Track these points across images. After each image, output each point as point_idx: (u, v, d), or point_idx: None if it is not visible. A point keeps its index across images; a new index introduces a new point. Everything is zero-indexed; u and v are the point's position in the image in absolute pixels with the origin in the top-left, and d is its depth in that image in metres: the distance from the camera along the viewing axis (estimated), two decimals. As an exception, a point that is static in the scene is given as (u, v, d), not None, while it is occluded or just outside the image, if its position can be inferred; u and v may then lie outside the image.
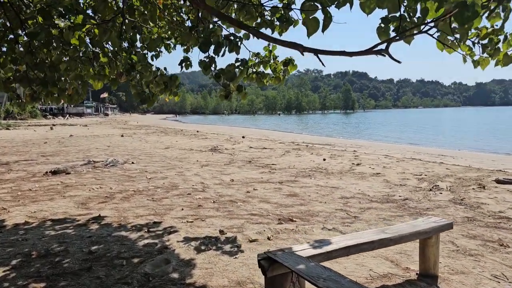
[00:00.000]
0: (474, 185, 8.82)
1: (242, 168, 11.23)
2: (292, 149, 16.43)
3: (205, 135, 24.74)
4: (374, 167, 11.46)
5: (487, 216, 6.29)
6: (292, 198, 7.36)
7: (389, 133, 40.67)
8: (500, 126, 52.21)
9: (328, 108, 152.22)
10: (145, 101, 5.47)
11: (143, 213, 6.11)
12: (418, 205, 6.95)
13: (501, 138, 33.77)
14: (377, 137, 34.42)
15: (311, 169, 11.02)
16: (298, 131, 42.21)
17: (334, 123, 66.11)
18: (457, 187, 8.59)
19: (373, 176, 9.92)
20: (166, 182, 8.79)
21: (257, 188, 8.26)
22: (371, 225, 5.63)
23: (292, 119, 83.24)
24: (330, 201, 7.16)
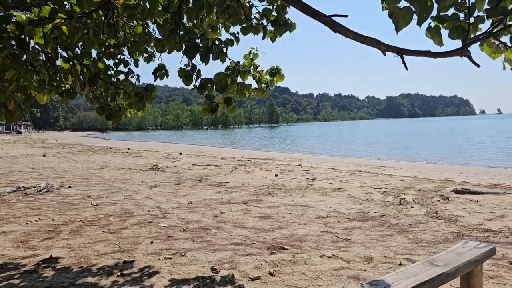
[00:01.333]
0: (437, 197, 8.83)
1: (195, 188, 10.37)
2: (238, 165, 15.80)
3: (138, 153, 23.23)
4: (330, 181, 11.20)
5: (471, 230, 6.14)
6: (267, 221, 6.71)
7: (320, 145, 41.67)
8: (414, 136, 56.01)
9: (254, 123, 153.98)
10: (111, 117, 4.56)
11: (106, 250, 5.10)
12: (399, 222, 6.66)
13: (418, 147, 35.98)
14: (312, 149, 34.98)
15: (268, 186, 10.47)
16: (232, 146, 41.69)
17: (262, 136, 66.62)
18: (422, 200, 8.52)
19: (336, 192, 9.61)
20: (116, 209, 7.70)
21: (223, 211, 7.50)
22: (369, 248, 5.17)
23: (220, 134, 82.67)
24: (309, 222, 6.63)
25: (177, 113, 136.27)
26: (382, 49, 2.48)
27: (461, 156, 27.70)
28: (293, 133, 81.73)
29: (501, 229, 6.15)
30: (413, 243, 5.46)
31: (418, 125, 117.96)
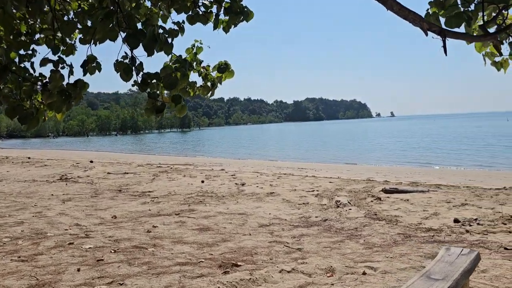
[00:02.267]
0: (369, 197, 8.90)
1: (116, 199, 9.35)
2: (159, 172, 14.83)
3: (41, 162, 20.90)
4: (261, 186, 10.86)
5: (415, 230, 6.13)
6: (207, 233, 6.11)
7: (237, 148, 41.57)
8: (324, 138, 58.67)
9: (165, 127, 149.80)
10: (26, 120, 3.66)
11: (19, 286, 4.13)
12: (344, 226, 6.47)
13: (330, 148, 37.56)
14: (230, 153, 34.67)
15: (197, 194, 9.82)
16: (145, 152, 39.84)
17: (176, 141, 64.95)
18: (356, 201, 8.52)
19: (269, 197, 9.27)
20: (25, 229, 6.52)
21: (155, 224, 6.72)
22: (326, 257, 4.84)
23: (130, 140, 79.01)
24: (253, 232, 6.16)
25: (81, 118, 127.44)
26: (425, 28, 2.11)
27: (370, 157, 29.32)
28: (207, 137, 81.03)
29: (441, 228, 6.23)
30: (367, 248, 5.25)
31: (324, 127, 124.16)
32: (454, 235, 5.81)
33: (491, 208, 7.43)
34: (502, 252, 4.98)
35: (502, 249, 5.09)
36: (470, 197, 8.57)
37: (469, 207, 7.65)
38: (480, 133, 54.44)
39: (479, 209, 7.45)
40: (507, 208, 7.35)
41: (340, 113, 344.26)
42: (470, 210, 7.34)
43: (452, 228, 6.19)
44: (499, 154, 27.57)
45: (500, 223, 6.36)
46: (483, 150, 30.72)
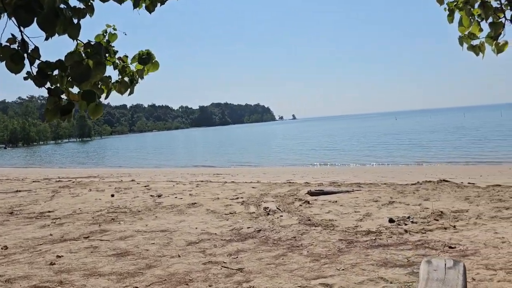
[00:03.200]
0: (297, 201, 8.53)
1: (6, 224, 7.82)
2: (59, 187, 13.09)
3: None
4: (180, 196, 9.97)
5: (354, 234, 5.81)
6: (127, 259, 5.15)
7: (144, 156, 39.58)
8: (233, 142, 58.68)
9: (62, 137, 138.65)
10: None
11: None
12: (280, 236, 5.94)
13: (238, 152, 37.49)
14: (136, 162, 32.77)
15: (108, 211, 8.65)
16: (41, 165, 36.07)
17: (76, 152, 60.18)
18: (285, 206, 8.08)
19: (192, 208, 8.46)
20: None
21: (60, 253, 5.56)
22: (273, 277, 4.23)
23: (22, 152, 71.53)
24: (183, 253, 5.34)
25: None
26: None
27: (279, 158, 29.61)
28: (111, 146, 76.52)
29: (379, 229, 5.99)
30: (314, 260, 4.75)
31: (231, 131, 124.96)
32: (395, 236, 5.58)
33: (418, 205, 7.45)
34: (449, 252, 4.80)
35: (447, 248, 4.93)
36: (394, 195, 8.61)
37: (397, 204, 7.62)
38: (373, 132, 58.62)
39: (407, 206, 7.43)
40: (432, 203, 7.42)
41: (245, 117, 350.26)
42: (400, 208, 7.28)
43: (390, 229, 5.98)
44: (393, 150, 29.59)
45: (432, 220, 6.31)
46: (379, 147, 32.78)
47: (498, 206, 6.88)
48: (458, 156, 23.39)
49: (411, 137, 40.77)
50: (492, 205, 7.02)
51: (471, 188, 9.08)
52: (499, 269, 4.10)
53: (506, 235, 5.27)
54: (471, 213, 6.53)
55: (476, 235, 5.38)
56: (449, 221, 6.20)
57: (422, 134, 45.29)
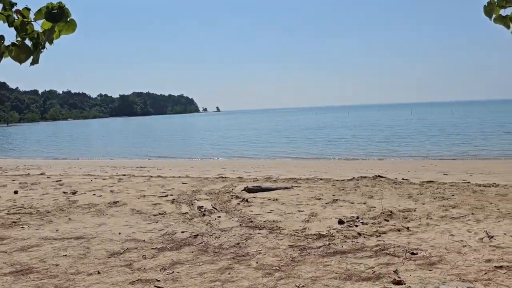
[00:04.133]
0: (234, 199, 7.77)
1: None
2: None
3: None
4: (99, 193, 8.73)
5: (303, 239, 5.19)
6: (30, 281, 4.03)
7: (57, 146, 36.37)
8: (155, 133, 56.38)
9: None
10: None
11: None
12: (221, 242, 5.14)
13: (162, 144, 35.94)
14: (49, 153, 29.85)
15: (9, 211, 7.23)
16: None
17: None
18: (222, 205, 7.28)
19: (114, 207, 7.33)
20: None
21: None
22: (222, 300, 3.42)
23: None
24: (104, 268, 4.32)
25: None
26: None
27: (204, 151, 28.65)
28: (18, 134, 69.92)
29: (330, 232, 5.43)
30: (266, 274, 4.02)
31: (153, 122, 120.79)
32: (349, 241, 5.03)
33: (363, 203, 7.06)
34: (412, 259, 4.34)
35: (409, 254, 4.47)
36: (336, 192, 8.19)
37: (341, 203, 7.16)
38: (296, 126, 59.75)
39: (352, 204, 7.00)
40: (378, 202, 7.07)
41: (168, 108, 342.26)
42: (345, 207, 6.82)
43: (342, 231, 5.44)
44: (318, 144, 30.02)
45: (383, 220, 5.89)
46: (303, 141, 33.13)
47: (444, 204, 6.67)
48: (382, 151, 24.17)
49: (332, 132, 41.94)
50: (437, 203, 6.81)
51: (409, 185, 8.97)
52: (474, 280, 3.67)
53: (463, 238, 4.96)
54: (419, 213, 6.23)
55: (433, 238, 5.01)
56: (400, 221, 5.83)
57: (342, 129, 46.88)
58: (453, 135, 32.05)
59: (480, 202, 6.77)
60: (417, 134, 34.65)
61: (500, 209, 6.28)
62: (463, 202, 6.82)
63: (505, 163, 16.77)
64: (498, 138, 28.36)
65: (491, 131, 34.21)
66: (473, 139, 28.37)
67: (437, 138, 30.69)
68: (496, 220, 5.70)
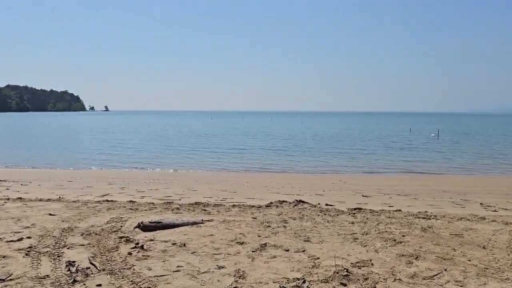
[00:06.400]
0: (123, 244, 5.51)
1: None
2: None
3: None
4: None
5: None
6: None
7: None
8: (19, 131, 49.46)
9: None
10: None
11: None
12: None
13: (28, 146, 31.12)
14: None
15: None
16: None
17: None
18: (106, 257, 4.99)
19: None
20: None
21: None
22: None
23: None
24: None
25: None
26: None
27: (82, 158, 25.06)
28: None
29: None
30: None
31: (29, 120, 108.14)
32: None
33: (302, 250, 5.33)
34: None
35: None
36: (260, 229, 6.37)
37: (273, 250, 5.34)
38: (188, 131, 57.47)
39: (288, 253, 5.22)
40: (319, 248, 5.41)
41: (50, 104, 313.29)
42: (281, 259, 5.00)
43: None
44: (214, 153, 28.31)
45: (339, 285, 4.21)
46: (200, 150, 31.19)
47: (403, 253, 5.24)
48: (282, 163, 23.21)
49: (225, 140, 40.51)
50: (393, 250, 5.36)
51: (341, 215, 7.54)
52: None
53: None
54: (380, 269, 4.67)
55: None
56: (362, 286, 4.20)
57: (239, 136, 45.84)
58: (346, 148, 32.75)
59: (442, 248, 5.49)
60: (312, 144, 34.85)
61: (472, 260, 5.02)
62: (423, 248, 5.48)
63: (404, 179, 16.72)
64: (387, 153, 29.52)
65: (380, 144, 35.88)
66: (363, 152, 29.11)
67: (332, 148, 31.06)
68: (478, 281, 4.37)
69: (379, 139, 41.81)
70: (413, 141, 39.30)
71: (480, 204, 9.84)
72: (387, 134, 51.77)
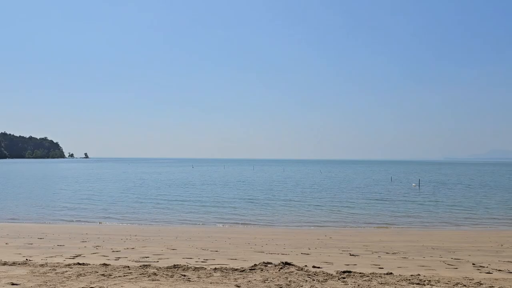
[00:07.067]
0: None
1: None
2: None
3: None
4: None
5: None
6: None
7: None
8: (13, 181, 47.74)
9: None
10: None
11: None
12: None
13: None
14: None
15: None
16: None
17: None
18: None
19: None
20: None
21: None
22: None
23: None
24: None
25: None
26: None
27: (58, 210, 24.12)
28: None
29: None
30: None
31: (4, 167, 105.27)
32: None
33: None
34: None
35: None
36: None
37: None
38: (167, 179, 56.48)
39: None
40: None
41: (28, 152, 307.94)
42: None
43: None
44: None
45: None
46: (174, 201, 30.39)
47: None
48: (259, 216, 22.64)
49: (209, 190, 39.82)
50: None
51: (330, 281, 7.04)
52: None
53: None
54: None
55: None
56: None
57: (220, 186, 45.14)
58: (328, 199, 32.39)
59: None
60: (294, 196, 34.40)
61: None
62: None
63: (391, 235, 16.33)
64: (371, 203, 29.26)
65: (361, 194, 35.68)
66: (345, 204, 28.80)
67: (315, 199, 30.64)
68: None
69: (361, 189, 41.68)
70: (395, 191, 39.28)
71: (473, 265, 9.47)
72: (369, 183, 51.80)
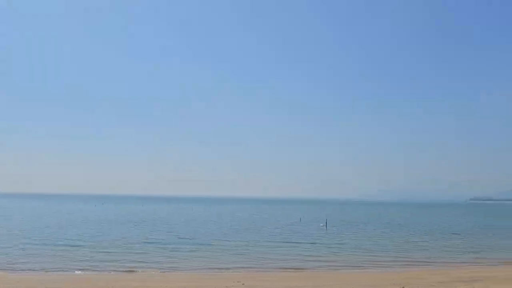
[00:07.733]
0: None
1: None
2: None
3: None
4: None
5: None
6: None
7: None
8: None
9: None
10: None
11: None
12: None
13: None
14: None
15: None
16: None
17: None
18: None
19: None
20: None
21: None
22: None
23: None
24: None
25: None
26: None
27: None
28: None
29: None
30: None
31: None
32: None
33: None
34: None
35: None
36: None
37: None
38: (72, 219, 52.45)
39: None
40: None
41: None
42: None
43: None
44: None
45: None
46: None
47: None
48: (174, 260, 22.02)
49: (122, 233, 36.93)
50: None
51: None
52: None
53: None
54: None
55: None
56: None
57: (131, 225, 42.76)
58: (233, 241, 32.37)
59: None
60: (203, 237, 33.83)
61: None
62: None
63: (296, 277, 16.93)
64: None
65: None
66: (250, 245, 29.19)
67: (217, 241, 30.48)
68: None
69: (272, 231, 41.87)
70: (304, 232, 40.45)
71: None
72: (282, 225, 51.44)
